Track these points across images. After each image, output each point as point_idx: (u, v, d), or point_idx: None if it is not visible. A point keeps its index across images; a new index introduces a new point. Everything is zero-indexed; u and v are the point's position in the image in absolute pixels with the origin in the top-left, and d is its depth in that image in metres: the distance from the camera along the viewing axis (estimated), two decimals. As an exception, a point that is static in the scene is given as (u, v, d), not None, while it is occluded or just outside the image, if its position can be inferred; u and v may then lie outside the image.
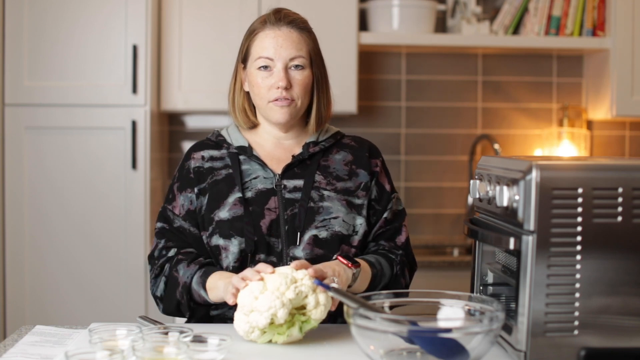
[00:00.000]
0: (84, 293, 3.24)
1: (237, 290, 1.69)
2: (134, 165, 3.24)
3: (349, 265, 1.80)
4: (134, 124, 3.23)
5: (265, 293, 1.63)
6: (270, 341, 1.66)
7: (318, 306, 1.66)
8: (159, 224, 1.99)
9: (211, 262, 1.92)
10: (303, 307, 1.67)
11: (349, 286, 1.80)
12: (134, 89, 3.23)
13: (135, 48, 3.22)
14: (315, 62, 1.95)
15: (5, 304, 3.24)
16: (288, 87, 1.90)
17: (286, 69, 1.90)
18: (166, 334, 1.57)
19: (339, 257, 1.81)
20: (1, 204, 3.23)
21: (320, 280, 1.64)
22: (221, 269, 1.89)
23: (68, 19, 3.24)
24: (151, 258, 1.99)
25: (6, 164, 3.23)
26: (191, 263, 1.89)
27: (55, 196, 3.24)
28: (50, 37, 3.24)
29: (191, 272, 1.87)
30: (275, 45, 1.90)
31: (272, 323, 1.64)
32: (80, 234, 3.25)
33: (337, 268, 1.79)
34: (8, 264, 3.23)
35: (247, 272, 1.70)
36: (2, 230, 3.24)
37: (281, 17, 1.92)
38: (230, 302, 1.70)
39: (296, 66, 1.91)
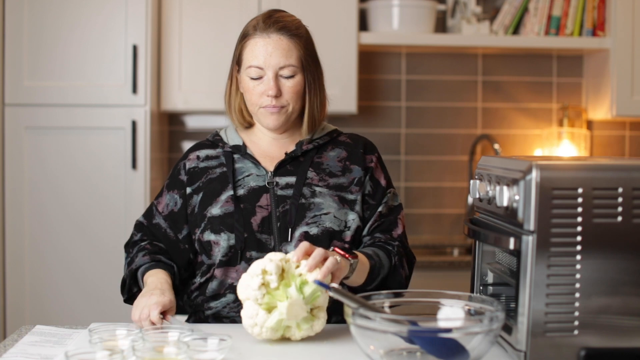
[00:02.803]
0: (84, 293, 3.24)
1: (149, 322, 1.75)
2: (134, 165, 3.24)
3: (346, 255, 1.77)
4: (134, 124, 3.23)
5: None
6: (281, 326, 1.64)
7: (314, 271, 1.67)
8: (140, 218, 2.06)
9: (164, 261, 1.96)
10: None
11: (346, 277, 1.79)
12: (134, 89, 3.23)
13: (135, 48, 3.22)
14: (307, 66, 1.94)
15: (5, 304, 3.24)
16: (278, 95, 1.91)
17: (276, 76, 1.90)
18: (166, 333, 1.57)
19: (336, 249, 1.79)
20: (1, 204, 3.23)
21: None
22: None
23: (68, 19, 3.24)
24: (126, 246, 2.05)
25: (6, 164, 3.23)
26: (148, 255, 1.95)
27: (55, 196, 3.24)
28: (50, 37, 3.24)
29: (142, 263, 1.94)
30: (265, 54, 1.90)
31: (266, 290, 1.64)
32: (80, 234, 3.25)
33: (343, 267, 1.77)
34: (8, 264, 3.23)
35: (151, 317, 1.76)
36: (2, 230, 3.23)
37: (271, 23, 1.91)
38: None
39: (286, 74, 1.91)
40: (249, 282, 1.65)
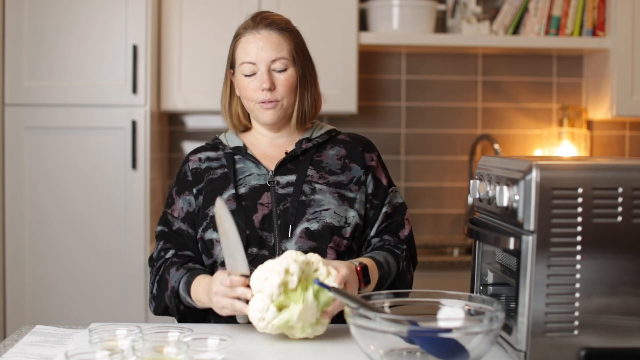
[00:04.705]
0: (84, 293, 3.24)
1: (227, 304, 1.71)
2: (134, 165, 3.24)
3: (362, 284, 1.80)
4: (134, 124, 3.23)
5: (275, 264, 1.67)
6: (287, 326, 1.65)
7: (329, 275, 1.68)
8: (159, 227, 2.02)
9: (199, 267, 1.93)
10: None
11: None
12: (134, 89, 3.23)
13: (135, 48, 3.22)
14: (299, 60, 1.97)
15: (5, 304, 3.24)
16: (272, 88, 1.94)
17: (269, 70, 1.94)
18: (166, 333, 1.57)
19: (358, 270, 1.81)
20: (1, 204, 3.23)
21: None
22: (208, 268, 1.92)
23: (68, 19, 3.24)
24: (151, 260, 2.02)
25: (6, 164, 3.23)
26: (181, 267, 1.91)
27: (55, 196, 3.24)
28: (50, 37, 3.24)
29: (179, 277, 1.89)
30: (256, 49, 1.94)
31: (285, 289, 1.63)
32: (80, 234, 3.25)
33: (352, 281, 1.78)
34: (8, 264, 3.23)
35: (219, 279, 1.72)
36: (2, 230, 3.23)
37: (260, 20, 1.96)
38: (223, 313, 1.73)
39: (279, 68, 1.94)
40: (268, 277, 1.65)
